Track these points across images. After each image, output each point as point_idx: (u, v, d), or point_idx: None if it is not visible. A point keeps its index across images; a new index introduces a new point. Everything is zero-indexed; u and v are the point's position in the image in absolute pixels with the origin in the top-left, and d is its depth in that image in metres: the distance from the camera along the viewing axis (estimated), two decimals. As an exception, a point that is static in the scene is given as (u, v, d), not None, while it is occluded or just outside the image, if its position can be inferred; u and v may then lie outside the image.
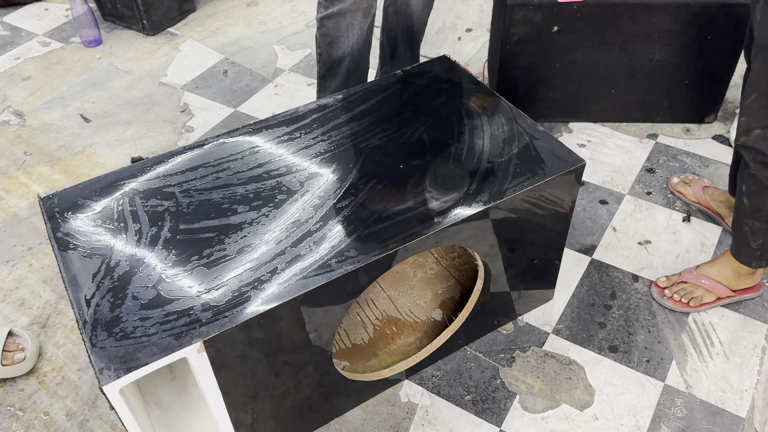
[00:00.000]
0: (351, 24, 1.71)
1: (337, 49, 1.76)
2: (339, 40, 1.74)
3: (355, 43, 1.76)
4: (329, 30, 1.73)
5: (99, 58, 2.43)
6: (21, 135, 2.10)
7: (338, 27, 1.72)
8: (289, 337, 1.12)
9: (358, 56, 1.80)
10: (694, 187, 1.75)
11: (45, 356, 1.49)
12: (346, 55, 1.77)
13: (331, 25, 1.72)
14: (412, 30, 1.91)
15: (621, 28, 1.81)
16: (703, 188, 1.73)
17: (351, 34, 1.74)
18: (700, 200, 1.73)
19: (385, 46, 1.98)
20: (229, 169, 1.27)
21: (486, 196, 1.21)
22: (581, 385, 1.40)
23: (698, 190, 1.74)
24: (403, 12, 1.87)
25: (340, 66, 1.80)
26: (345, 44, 1.75)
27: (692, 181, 1.77)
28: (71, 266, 1.10)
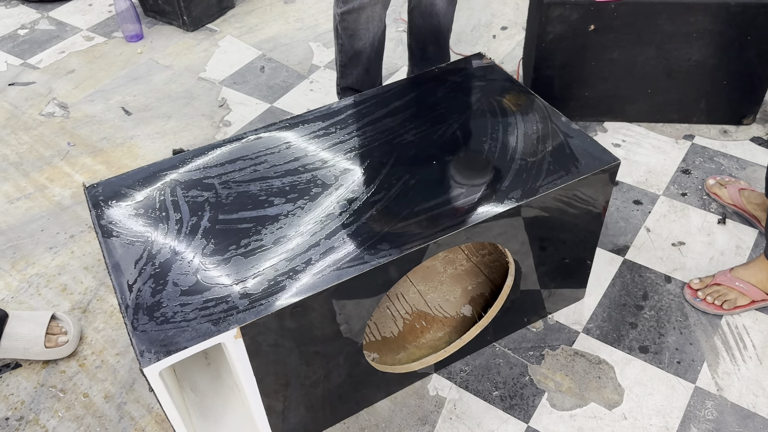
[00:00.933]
0: (371, 17, 1.76)
1: (358, 40, 1.81)
2: (360, 32, 1.79)
3: (376, 33, 1.82)
4: (350, 24, 1.78)
5: (140, 53, 2.49)
6: (65, 126, 2.17)
7: (358, 20, 1.77)
8: (321, 327, 1.14)
9: (378, 44, 1.86)
10: (730, 189, 1.73)
11: (85, 340, 1.55)
12: (368, 46, 1.83)
13: (352, 19, 1.77)
14: (440, 29, 1.94)
15: (658, 28, 1.80)
16: (740, 190, 1.71)
17: (371, 25, 1.79)
18: (736, 202, 1.71)
19: (413, 47, 2.01)
20: (267, 162, 1.30)
21: (518, 193, 1.22)
22: (610, 385, 1.40)
23: (734, 192, 1.72)
24: (429, 12, 1.90)
25: (361, 56, 1.85)
26: (366, 36, 1.80)
27: (728, 183, 1.75)
28: (114, 252, 1.14)
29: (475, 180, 1.25)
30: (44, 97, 2.30)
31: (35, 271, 1.71)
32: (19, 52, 2.53)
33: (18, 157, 2.06)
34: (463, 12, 2.61)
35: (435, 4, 1.88)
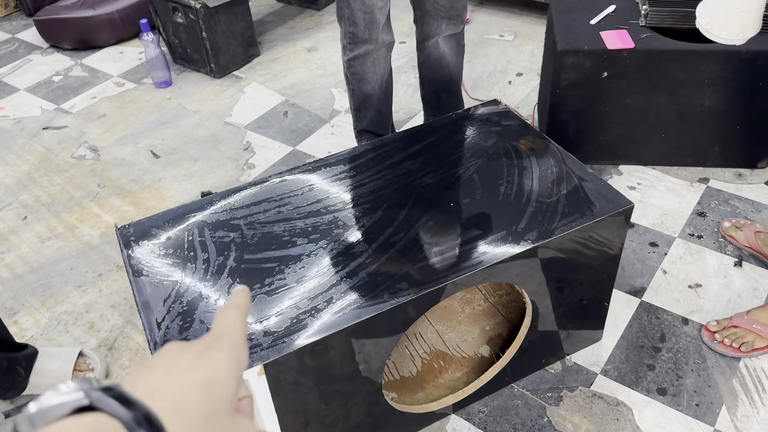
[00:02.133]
0: (377, 60, 1.85)
1: (367, 84, 1.90)
2: (368, 76, 1.88)
3: (383, 76, 1.91)
4: (357, 69, 1.87)
5: (169, 99, 2.59)
6: (95, 169, 2.26)
7: (365, 65, 1.86)
8: (340, 366, 1.17)
9: (386, 85, 1.95)
10: (746, 231, 1.75)
11: (111, 377, 1.58)
12: (377, 88, 1.91)
13: (359, 64, 1.86)
14: (450, 78, 2.02)
15: (670, 75, 1.84)
16: (755, 233, 1.73)
17: (378, 68, 1.87)
18: (752, 245, 1.72)
19: (427, 98, 2.09)
20: (290, 204, 1.35)
21: (534, 234, 1.25)
22: (629, 427, 1.40)
23: (750, 235, 1.73)
24: (438, 65, 1.98)
25: (372, 98, 1.94)
26: (374, 79, 1.89)
27: (744, 226, 1.77)
28: (144, 291, 1.19)
29: (492, 222, 1.29)
30: (76, 141, 2.39)
31: (64, 308, 1.76)
32: (53, 98, 2.65)
33: (50, 198, 2.14)
34: (480, 59, 2.69)
35: (443, 56, 1.97)
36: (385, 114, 2.03)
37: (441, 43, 1.95)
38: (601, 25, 1.93)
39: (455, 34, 1.96)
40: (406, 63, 2.70)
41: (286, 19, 3.11)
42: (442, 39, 1.94)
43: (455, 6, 1.87)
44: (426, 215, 1.31)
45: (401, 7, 2.95)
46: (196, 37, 2.61)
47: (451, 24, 1.91)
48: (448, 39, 1.95)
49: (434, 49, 1.96)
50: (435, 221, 1.30)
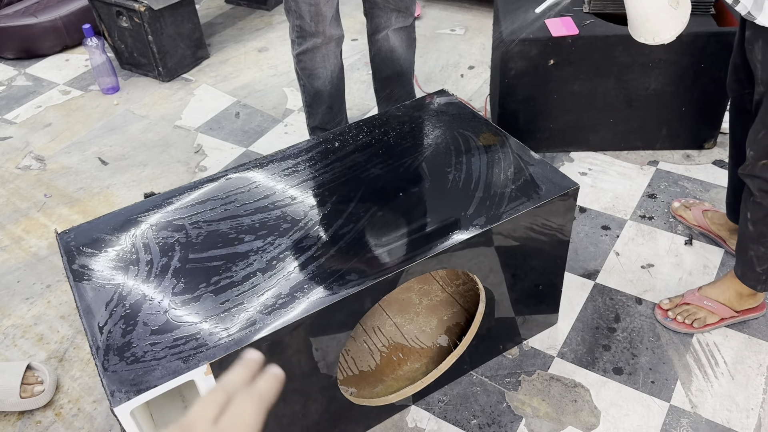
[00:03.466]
0: (326, 55, 1.84)
1: (317, 79, 1.88)
2: (317, 71, 1.87)
3: (333, 71, 1.89)
4: (307, 64, 1.85)
5: (117, 104, 2.54)
6: (42, 178, 2.19)
7: (314, 60, 1.84)
8: (294, 361, 1.15)
9: (337, 81, 1.94)
10: (694, 210, 1.78)
11: (62, 389, 1.54)
12: (327, 83, 1.90)
13: (308, 59, 1.84)
14: (402, 72, 2.02)
15: (615, 59, 1.87)
16: (703, 212, 1.76)
17: (328, 63, 1.86)
18: (700, 224, 1.76)
19: (379, 90, 2.09)
20: (236, 201, 1.33)
21: (483, 219, 1.25)
22: (587, 408, 1.41)
23: (698, 214, 1.76)
24: (389, 58, 1.99)
25: (323, 94, 1.92)
26: (324, 74, 1.88)
27: (693, 205, 1.80)
28: (86, 296, 1.15)
29: (441, 209, 1.28)
30: (21, 151, 2.32)
31: (11, 322, 1.70)
32: (-4, 109, 2.57)
33: (-6, 211, 2.07)
34: (432, 53, 2.69)
35: (394, 49, 1.97)
36: (337, 110, 2.01)
37: (391, 36, 1.95)
38: (545, 13, 1.95)
39: (405, 27, 1.96)
40: (358, 60, 2.69)
41: (235, 20, 3.07)
42: (392, 32, 1.94)
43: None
44: (375, 206, 1.30)
45: (353, 5, 2.94)
46: (142, 40, 2.55)
47: (401, 17, 1.91)
48: (398, 32, 1.95)
49: (384, 42, 1.96)
50: (384, 211, 1.29)
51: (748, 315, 1.52)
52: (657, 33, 1.30)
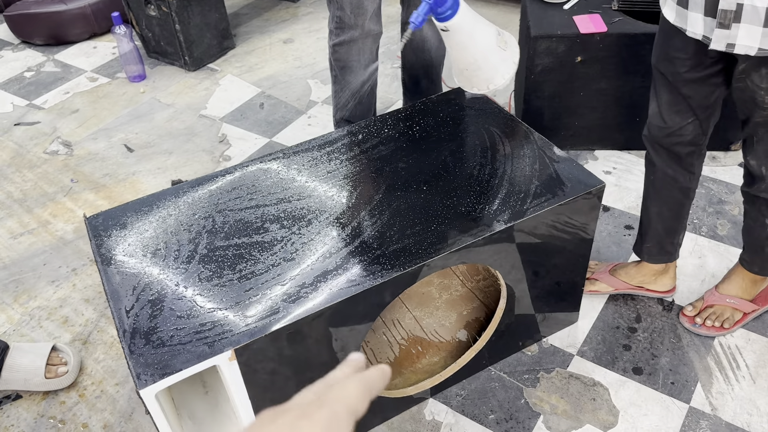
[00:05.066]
0: (362, 49, 1.82)
1: (350, 72, 1.87)
2: (351, 64, 1.86)
3: (367, 65, 1.87)
4: (342, 56, 1.84)
5: (143, 92, 2.56)
6: (68, 164, 2.22)
7: (350, 53, 1.83)
8: (315, 350, 1.16)
9: (369, 76, 1.92)
10: (600, 276, 1.62)
11: (85, 371, 1.56)
12: (360, 77, 1.89)
13: (344, 51, 1.83)
14: (431, 64, 2.00)
15: (643, 58, 1.85)
16: (610, 271, 1.62)
17: (362, 58, 1.84)
18: (617, 286, 1.61)
19: (407, 82, 2.07)
20: (262, 190, 1.34)
21: (507, 215, 1.25)
22: (605, 407, 1.41)
23: (609, 278, 1.61)
24: (420, 48, 1.96)
25: (353, 87, 1.91)
26: (358, 68, 1.86)
27: (595, 273, 1.64)
28: (113, 280, 1.17)
29: (465, 204, 1.28)
30: (48, 136, 2.36)
31: (37, 304, 1.74)
32: (25, 94, 2.60)
33: (22, 194, 2.11)
34: (457, 48, 2.68)
35: (426, 39, 1.94)
36: (366, 105, 2.00)
37: (425, 26, 1.92)
38: (574, 9, 1.94)
39: None
40: (383, 53, 2.69)
41: (261, 11, 3.08)
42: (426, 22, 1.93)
43: None
44: (399, 199, 1.31)
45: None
46: (169, 29, 2.58)
47: None
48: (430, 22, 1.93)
49: (417, 31, 1.95)
50: (408, 205, 1.29)
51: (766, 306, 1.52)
52: (491, 80, 1.26)
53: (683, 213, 1.49)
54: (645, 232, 1.54)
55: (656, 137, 1.40)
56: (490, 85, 1.25)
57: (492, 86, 1.25)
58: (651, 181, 1.48)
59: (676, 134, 1.37)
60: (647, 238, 1.53)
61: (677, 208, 1.48)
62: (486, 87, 1.25)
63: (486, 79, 1.25)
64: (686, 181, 1.43)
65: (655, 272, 1.58)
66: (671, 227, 1.50)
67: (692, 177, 1.43)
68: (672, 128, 1.36)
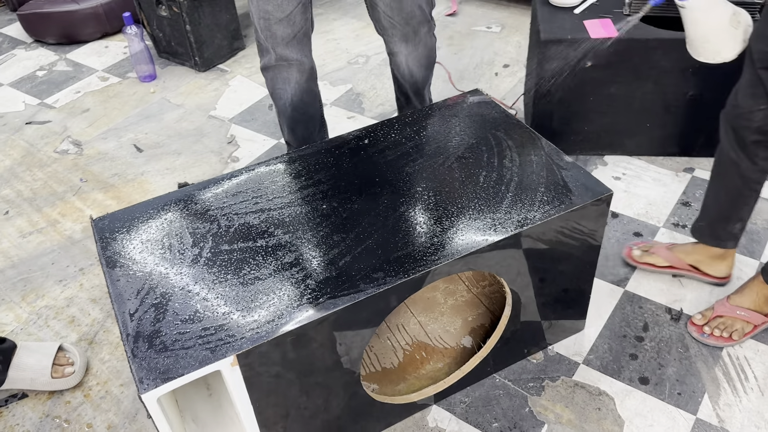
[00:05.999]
0: (287, 78, 1.76)
1: (278, 99, 1.83)
2: (277, 91, 1.81)
3: (294, 96, 1.80)
4: (268, 81, 1.81)
5: (153, 92, 2.57)
6: (78, 163, 2.24)
7: (275, 79, 1.78)
8: (318, 356, 1.16)
9: (302, 106, 1.83)
10: (659, 251, 1.66)
11: (91, 371, 1.57)
12: (288, 105, 1.83)
13: (269, 77, 1.79)
14: (417, 86, 1.94)
15: (654, 63, 1.84)
16: (668, 249, 1.66)
17: (288, 87, 1.78)
18: (673, 262, 1.64)
19: (399, 97, 2.03)
20: (268, 194, 1.34)
21: (513, 222, 1.24)
22: (610, 416, 1.40)
23: (667, 254, 1.65)
24: (406, 80, 1.91)
25: (285, 113, 1.86)
26: (284, 95, 1.81)
27: (652, 247, 1.68)
28: (118, 283, 1.18)
29: (471, 210, 1.27)
30: (59, 135, 2.37)
31: (44, 303, 1.75)
32: (36, 93, 2.62)
33: (32, 193, 2.12)
34: (466, 51, 2.67)
35: (412, 73, 1.89)
36: (302, 135, 1.91)
37: (408, 60, 1.85)
38: (584, 14, 1.92)
39: (421, 46, 1.83)
40: (392, 55, 2.68)
41: (272, 13, 3.08)
42: (406, 57, 1.85)
43: (410, 22, 1.75)
44: (405, 204, 1.30)
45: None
46: (180, 30, 2.58)
47: (410, 43, 1.80)
48: (413, 54, 1.85)
49: (401, 64, 1.87)
50: (414, 210, 1.29)
51: None
52: (718, 52, 1.38)
53: (741, 203, 1.49)
54: (702, 210, 1.57)
55: (728, 115, 1.44)
56: (717, 57, 1.39)
57: (719, 58, 1.39)
58: (716, 161, 1.51)
59: (744, 117, 1.38)
60: (701, 216, 1.56)
61: (734, 194, 1.48)
62: (713, 58, 1.39)
63: (713, 51, 1.38)
64: (748, 170, 1.43)
65: (711, 255, 1.59)
66: (725, 213, 1.51)
67: (755, 168, 1.42)
68: (743, 110, 1.37)
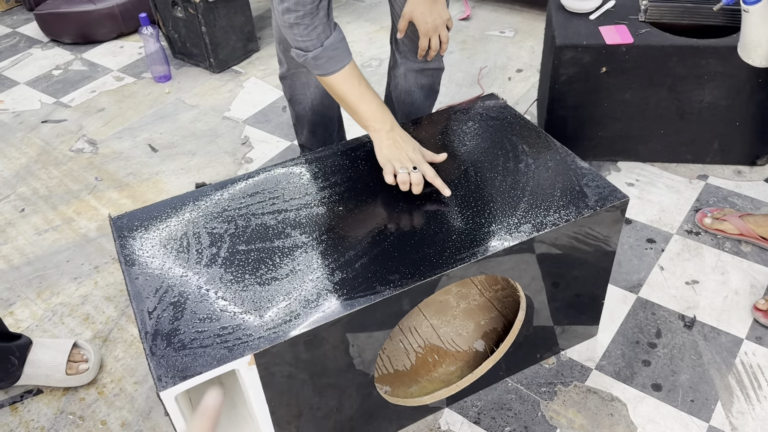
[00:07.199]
0: (306, 83, 1.75)
1: (297, 104, 1.82)
2: (297, 97, 1.80)
3: (314, 99, 1.79)
4: (287, 88, 1.80)
5: (168, 93, 2.59)
6: (93, 162, 2.25)
7: (294, 86, 1.77)
8: (333, 357, 1.17)
9: (322, 109, 1.82)
10: (732, 220, 1.76)
11: (105, 368, 1.58)
12: (308, 110, 1.81)
13: (288, 84, 1.78)
14: (410, 117, 1.85)
15: (670, 70, 1.84)
16: (741, 218, 1.75)
17: (308, 91, 1.77)
18: (743, 231, 1.74)
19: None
20: (284, 195, 1.35)
21: (528, 227, 1.25)
22: (623, 422, 1.40)
23: (739, 222, 1.75)
24: (403, 101, 1.83)
25: (304, 119, 1.85)
26: (304, 101, 1.79)
27: (726, 215, 1.78)
28: (136, 281, 1.19)
29: (486, 214, 1.28)
30: (74, 134, 2.39)
31: (59, 300, 1.76)
32: (52, 92, 2.65)
33: (47, 191, 2.14)
34: (479, 55, 2.68)
35: (411, 92, 1.80)
36: (321, 136, 1.90)
37: (409, 77, 1.77)
38: (600, 20, 1.92)
39: (428, 70, 1.75)
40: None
41: (286, 15, 3.10)
42: (411, 72, 1.76)
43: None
44: (421, 207, 1.31)
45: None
46: (195, 31, 2.60)
47: (418, 62, 1.72)
48: (419, 74, 1.76)
49: (402, 80, 1.79)
50: (430, 214, 1.29)
51: None
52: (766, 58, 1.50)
53: None
54: None
55: None
56: (764, 62, 1.50)
57: (765, 64, 1.51)
58: None
59: None
60: None
61: None
62: (759, 62, 1.51)
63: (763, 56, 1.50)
64: None
65: None
66: None
67: None
68: None
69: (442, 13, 1.53)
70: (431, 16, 1.52)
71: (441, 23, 1.55)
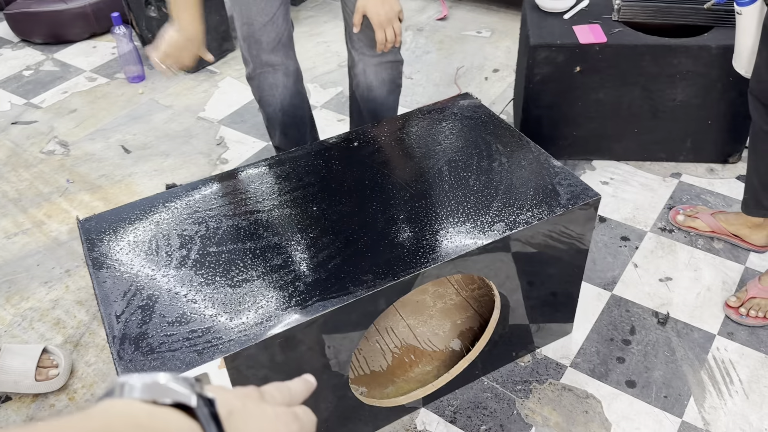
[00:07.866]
0: (274, 84, 1.74)
1: (267, 106, 1.80)
2: (266, 98, 1.78)
3: (284, 100, 1.78)
4: (255, 89, 1.78)
5: (141, 93, 2.56)
6: (65, 164, 2.22)
7: (262, 86, 1.76)
8: (306, 359, 1.16)
9: (292, 110, 1.81)
10: (703, 217, 1.79)
11: (76, 374, 1.55)
12: (278, 111, 1.80)
13: (255, 84, 1.77)
14: (377, 115, 1.84)
15: (643, 69, 1.85)
16: (713, 215, 1.77)
17: (276, 92, 1.75)
18: (715, 228, 1.76)
19: (351, 123, 1.98)
20: (257, 196, 1.34)
21: (502, 226, 1.25)
22: (597, 419, 1.40)
23: (710, 219, 1.77)
24: (366, 97, 1.81)
25: (275, 120, 1.84)
26: (273, 102, 1.78)
27: (698, 212, 1.81)
28: (104, 284, 1.17)
29: (460, 213, 1.28)
30: (45, 136, 2.35)
31: (29, 305, 1.73)
32: (23, 92, 2.60)
33: (17, 194, 2.10)
34: (456, 55, 2.68)
35: (371, 88, 1.77)
36: (293, 137, 1.88)
37: (368, 72, 1.73)
38: (574, 19, 1.93)
39: (387, 63, 1.72)
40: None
41: (262, 15, 3.08)
42: (369, 67, 1.72)
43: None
44: (395, 207, 1.30)
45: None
46: (169, 31, 2.57)
47: (375, 56, 1.70)
48: (378, 68, 1.72)
49: (362, 77, 1.75)
50: (403, 214, 1.29)
51: None
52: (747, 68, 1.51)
53: None
54: (746, 186, 1.65)
55: (755, 91, 1.52)
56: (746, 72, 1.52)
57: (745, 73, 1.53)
58: (751, 138, 1.60)
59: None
60: (746, 190, 1.65)
61: None
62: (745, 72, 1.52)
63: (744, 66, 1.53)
64: None
65: (753, 224, 1.69)
66: (766, 182, 1.57)
67: None
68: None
69: (394, 6, 1.54)
70: (383, 8, 1.52)
71: (393, 15, 1.55)
